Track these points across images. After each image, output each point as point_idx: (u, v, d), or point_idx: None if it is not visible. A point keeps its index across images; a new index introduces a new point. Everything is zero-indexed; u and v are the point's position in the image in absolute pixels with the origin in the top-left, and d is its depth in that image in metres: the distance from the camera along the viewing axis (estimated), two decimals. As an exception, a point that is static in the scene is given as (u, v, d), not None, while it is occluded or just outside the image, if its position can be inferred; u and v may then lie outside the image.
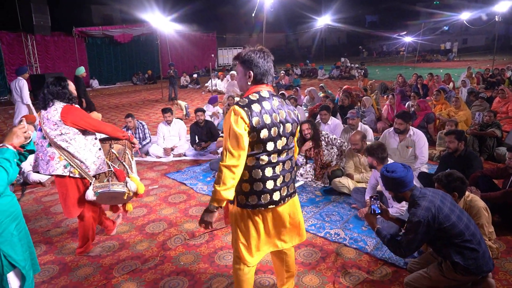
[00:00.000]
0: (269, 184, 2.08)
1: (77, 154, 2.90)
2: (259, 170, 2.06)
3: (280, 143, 2.08)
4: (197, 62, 24.81)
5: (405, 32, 34.56)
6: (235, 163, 1.93)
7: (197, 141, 6.43)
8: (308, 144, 4.85)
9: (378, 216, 2.81)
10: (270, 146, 2.04)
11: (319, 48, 31.31)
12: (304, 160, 5.05)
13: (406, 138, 4.76)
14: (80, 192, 2.99)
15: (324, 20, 23.71)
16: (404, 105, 7.80)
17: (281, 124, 2.05)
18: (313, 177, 4.90)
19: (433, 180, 3.00)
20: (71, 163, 2.89)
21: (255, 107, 1.97)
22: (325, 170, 4.83)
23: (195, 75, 18.49)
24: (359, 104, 7.95)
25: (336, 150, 4.92)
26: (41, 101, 2.90)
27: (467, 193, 2.97)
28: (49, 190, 4.92)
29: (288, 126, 2.10)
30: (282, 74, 16.42)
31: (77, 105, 3.01)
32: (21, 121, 2.13)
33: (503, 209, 3.44)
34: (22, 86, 6.76)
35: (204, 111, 6.56)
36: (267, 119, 1.99)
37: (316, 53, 35.21)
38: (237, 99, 8.99)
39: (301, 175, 4.95)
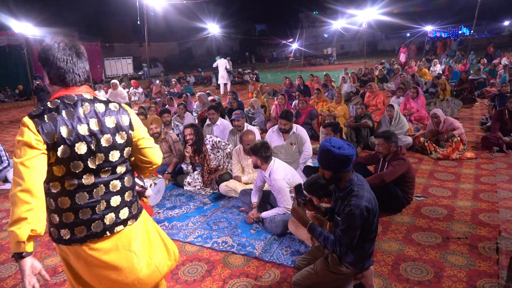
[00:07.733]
0: (84, 214, 1.64)
1: None
2: (67, 197, 1.61)
3: (95, 161, 1.63)
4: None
5: (291, 40, 37.16)
6: (24, 188, 1.44)
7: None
8: (188, 151, 4.56)
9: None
10: (76, 166, 1.58)
11: (213, 57, 31.48)
12: (191, 167, 4.73)
13: (290, 136, 4.81)
14: None
15: (215, 29, 23.92)
16: (291, 105, 8.11)
17: (93, 137, 1.61)
18: (201, 185, 4.61)
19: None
20: None
21: (49, 118, 1.52)
22: (213, 175, 4.59)
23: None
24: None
25: (222, 153, 4.72)
26: None
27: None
28: None
29: (107, 138, 1.65)
30: (174, 82, 16.23)
31: None
32: None
33: (377, 193, 3.62)
34: None
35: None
36: (67, 133, 1.54)
37: (210, 61, 35.41)
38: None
39: (189, 183, 4.62)
